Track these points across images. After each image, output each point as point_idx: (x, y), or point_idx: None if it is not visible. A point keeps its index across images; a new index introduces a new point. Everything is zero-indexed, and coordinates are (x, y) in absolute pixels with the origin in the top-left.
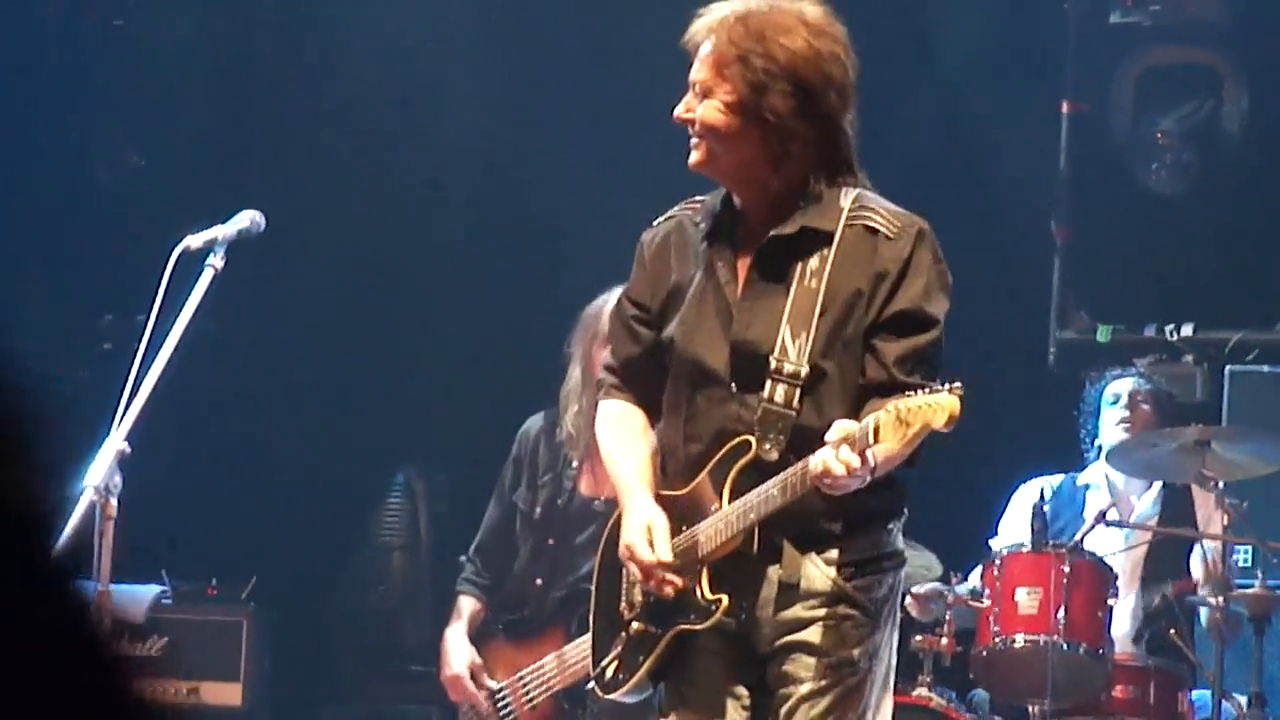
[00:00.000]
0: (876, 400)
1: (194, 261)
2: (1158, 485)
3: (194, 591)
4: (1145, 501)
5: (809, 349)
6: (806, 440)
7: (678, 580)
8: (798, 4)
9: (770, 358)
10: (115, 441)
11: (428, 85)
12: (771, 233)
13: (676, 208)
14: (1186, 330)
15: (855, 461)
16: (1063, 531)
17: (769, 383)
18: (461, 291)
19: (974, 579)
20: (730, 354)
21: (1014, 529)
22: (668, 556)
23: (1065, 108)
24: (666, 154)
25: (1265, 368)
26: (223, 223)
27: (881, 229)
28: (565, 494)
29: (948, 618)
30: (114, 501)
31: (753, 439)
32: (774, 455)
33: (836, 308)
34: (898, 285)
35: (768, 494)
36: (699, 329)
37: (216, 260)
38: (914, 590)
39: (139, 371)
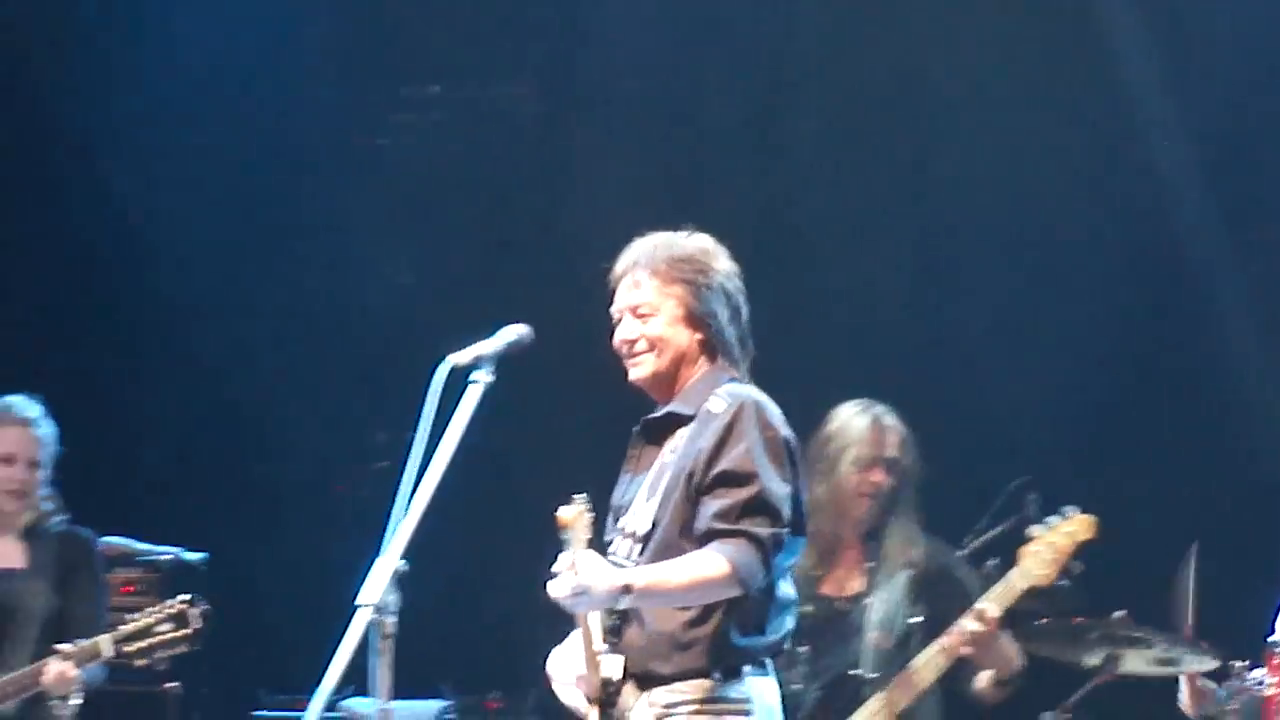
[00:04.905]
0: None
1: (461, 378)
2: None
3: (476, 704)
4: None
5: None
6: None
7: None
8: None
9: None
10: (391, 559)
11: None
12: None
13: None
14: None
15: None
16: None
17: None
18: None
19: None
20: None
21: None
22: None
23: None
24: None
25: None
26: (488, 338)
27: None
28: (813, 601)
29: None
30: (390, 620)
31: None
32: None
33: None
34: (718, 451)
35: None
36: None
37: (484, 375)
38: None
39: (411, 488)
